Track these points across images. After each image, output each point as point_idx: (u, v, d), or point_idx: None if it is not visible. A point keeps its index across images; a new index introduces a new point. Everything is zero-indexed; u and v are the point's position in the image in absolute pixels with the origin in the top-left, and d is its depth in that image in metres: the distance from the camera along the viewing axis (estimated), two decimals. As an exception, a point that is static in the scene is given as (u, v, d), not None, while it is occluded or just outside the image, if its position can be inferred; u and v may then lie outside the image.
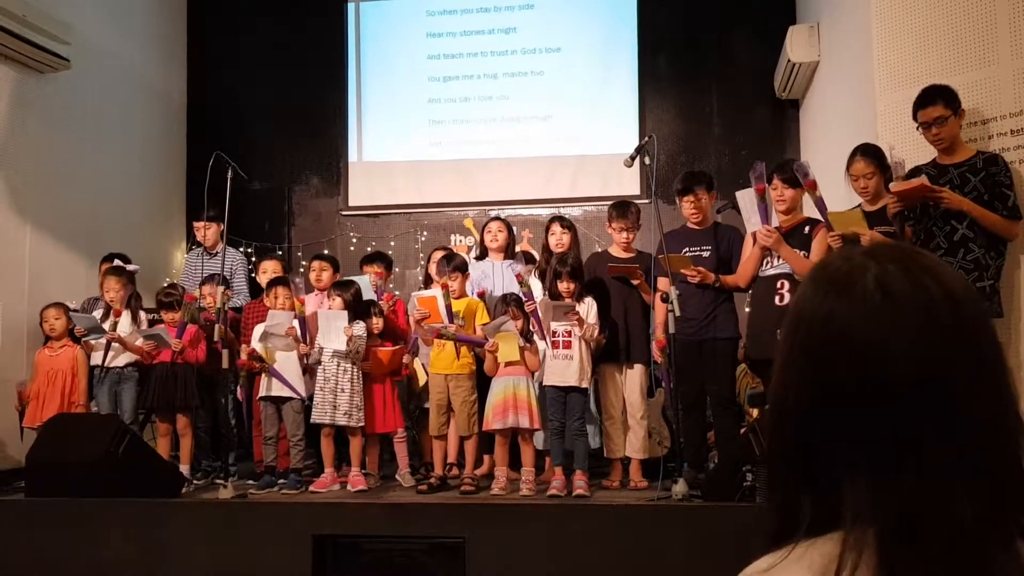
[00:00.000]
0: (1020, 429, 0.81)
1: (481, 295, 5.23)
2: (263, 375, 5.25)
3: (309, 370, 5.27)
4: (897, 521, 0.78)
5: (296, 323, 5.24)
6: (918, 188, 4.00)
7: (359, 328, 5.13)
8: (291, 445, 5.23)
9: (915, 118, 4.17)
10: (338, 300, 5.23)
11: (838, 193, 4.83)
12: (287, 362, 5.25)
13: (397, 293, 7.09)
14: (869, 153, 4.36)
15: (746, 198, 4.69)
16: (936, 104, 4.09)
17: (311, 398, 5.17)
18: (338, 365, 5.08)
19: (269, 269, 6.30)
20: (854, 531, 0.79)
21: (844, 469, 0.81)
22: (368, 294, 5.62)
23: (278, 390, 5.22)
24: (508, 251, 5.70)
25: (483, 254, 5.78)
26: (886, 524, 0.78)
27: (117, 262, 5.85)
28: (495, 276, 5.55)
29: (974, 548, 0.76)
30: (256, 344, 5.20)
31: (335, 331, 5.06)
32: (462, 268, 5.27)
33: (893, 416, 0.79)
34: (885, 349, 0.80)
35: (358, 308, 5.25)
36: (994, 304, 4.01)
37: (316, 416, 5.08)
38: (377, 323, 5.31)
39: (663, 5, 8.12)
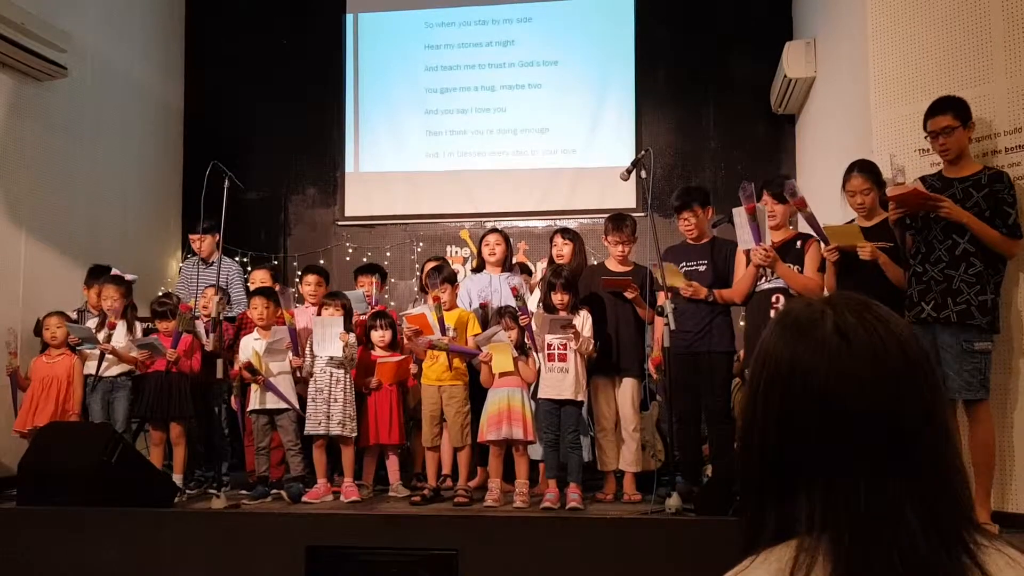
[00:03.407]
0: (958, 454, 0.95)
1: (484, 307, 5.22)
2: (253, 387, 5.24)
3: (301, 381, 5.27)
4: (850, 529, 0.88)
5: (287, 334, 5.23)
6: (912, 193, 4.01)
7: (352, 336, 5.13)
8: (291, 456, 5.21)
9: (924, 127, 4.18)
10: (337, 309, 5.22)
11: (833, 208, 4.84)
12: (282, 375, 5.25)
13: (392, 304, 7.10)
14: (866, 169, 4.38)
15: (739, 216, 4.71)
16: (945, 114, 4.10)
17: (303, 407, 5.16)
18: (331, 375, 5.07)
19: (258, 279, 6.29)
20: (810, 537, 0.89)
21: (804, 488, 0.91)
22: (361, 307, 5.61)
23: (272, 403, 5.22)
24: (506, 264, 5.67)
25: (480, 266, 5.77)
26: (839, 531, 0.88)
27: (115, 271, 5.83)
28: (494, 289, 5.53)
29: (921, 554, 0.86)
30: (251, 356, 5.19)
31: (330, 337, 5.06)
32: (451, 279, 5.26)
33: (849, 445, 0.90)
34: (842, 388, 0.91)
35: (348, 319, 5.25)
36: (995, 319, 4.01)
37: (309, 427, 5.07)
38: (385, 335, 5.29)
39: (661, 20, 8.16)
